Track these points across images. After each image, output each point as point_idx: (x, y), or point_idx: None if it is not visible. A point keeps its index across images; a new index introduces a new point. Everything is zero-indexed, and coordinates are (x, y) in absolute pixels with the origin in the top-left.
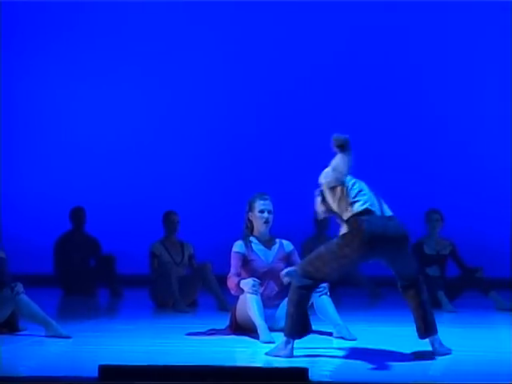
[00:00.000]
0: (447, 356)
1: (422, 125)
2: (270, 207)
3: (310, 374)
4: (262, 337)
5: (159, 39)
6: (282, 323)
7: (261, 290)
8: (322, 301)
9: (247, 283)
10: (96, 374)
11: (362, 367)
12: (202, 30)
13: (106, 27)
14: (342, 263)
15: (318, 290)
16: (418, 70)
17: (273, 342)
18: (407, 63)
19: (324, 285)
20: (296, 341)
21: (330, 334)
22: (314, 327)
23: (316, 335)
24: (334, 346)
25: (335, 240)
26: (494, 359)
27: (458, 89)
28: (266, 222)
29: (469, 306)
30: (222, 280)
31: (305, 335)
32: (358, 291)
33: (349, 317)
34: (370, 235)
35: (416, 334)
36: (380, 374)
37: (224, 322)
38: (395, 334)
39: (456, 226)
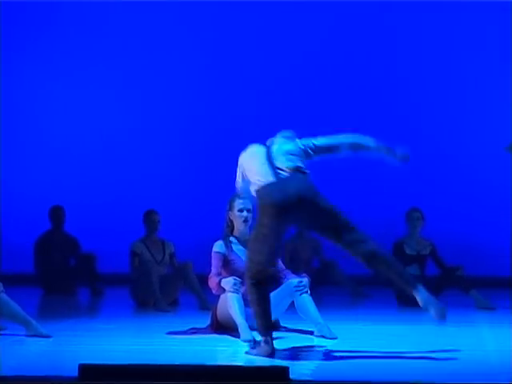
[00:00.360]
0: (428, 355)
1: (407, 124)
2: (249, 206)
3: (290, 373)
4: (242, 335)
5: (143, 38)
6: None
7: (242, 289)
8: (303, 299)
9: (228, 282)
10: (76, 374)
11: (342, 366)
12: (189, 28)
13: (100, 26)
14: (268, 242)
15: (298, 288)
16: (413, 70)
17: (254, 341)
18: (404, 63)
19: (304, 283)
20: (277, 339)
21: (311, 333)
22: (294, 326)
23: (297, 334)
24: (315, 344)
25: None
26: (474, 358)
27: (455, 88)
28: (245, 220)
29: (449, 305)
30: (204, 279)
31: (272, 330)
32: (340, 290)
33: (330, 316)
34: (271, 205)
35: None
36: (360, 373)
37: (205, 321)
38: (377, 332)
39: (437, 225)
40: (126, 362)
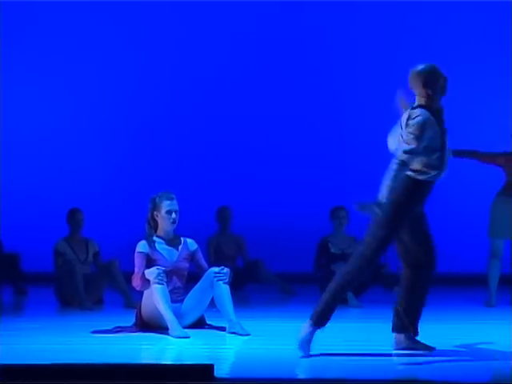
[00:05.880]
0: (351, 351)
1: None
2: (177, 207)
3: (215, 371)
4: (174, 331)
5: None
6: (187, 319)
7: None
8: (221, 289)
9: (152, 272)
10: None
11: (268, 364)
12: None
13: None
14: None
15: (218, 275)
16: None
17: (187, 337)
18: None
19: (226, 271)
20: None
21: (224, 329)
22: (213, 323)
23: (222, 332)
24: (239, 342)
25: None
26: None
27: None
28: (174, 222)
29: (374, 302)
30: (129, 277)
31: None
32: (268, 288)
33: (257, 313)
34: None
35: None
36: (287, 371)
37: (130, 320)
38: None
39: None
40: (50, 361)
